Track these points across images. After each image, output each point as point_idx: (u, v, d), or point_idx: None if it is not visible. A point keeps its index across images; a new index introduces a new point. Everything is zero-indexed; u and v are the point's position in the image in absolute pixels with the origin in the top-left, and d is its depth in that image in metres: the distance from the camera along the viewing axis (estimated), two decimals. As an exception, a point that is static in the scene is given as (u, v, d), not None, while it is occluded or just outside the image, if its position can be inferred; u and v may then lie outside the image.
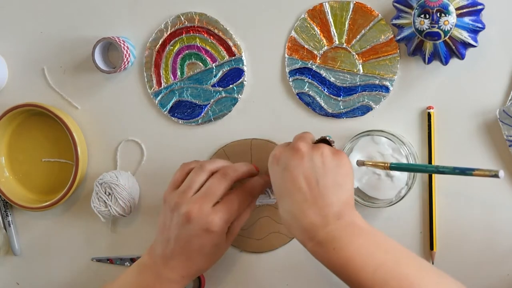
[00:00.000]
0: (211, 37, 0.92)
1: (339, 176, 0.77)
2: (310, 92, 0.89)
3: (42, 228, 1.00)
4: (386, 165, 0.82)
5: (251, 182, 0.87)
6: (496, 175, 0.73)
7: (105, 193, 0.91)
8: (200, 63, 0.93)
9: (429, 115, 0.86)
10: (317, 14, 0.89)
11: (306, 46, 0.89)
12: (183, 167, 0.87)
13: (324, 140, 0.82)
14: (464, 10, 0.80)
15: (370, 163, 0.84)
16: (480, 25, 0.81)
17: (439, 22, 0.80)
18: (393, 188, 0.85)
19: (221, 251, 0.85)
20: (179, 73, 0.93)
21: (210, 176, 0.85)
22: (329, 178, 0.76)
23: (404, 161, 0.84)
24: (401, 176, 0.85)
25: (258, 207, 0.91)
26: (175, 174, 0.87)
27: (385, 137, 0.85)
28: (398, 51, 0.87)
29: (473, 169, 0.75)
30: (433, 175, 0.86)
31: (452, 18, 0.80)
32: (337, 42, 0.89)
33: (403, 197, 0.85)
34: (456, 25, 0.80)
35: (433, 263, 0.87)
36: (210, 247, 0.83)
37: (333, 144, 0.81)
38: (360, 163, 0.85)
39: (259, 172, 0.89)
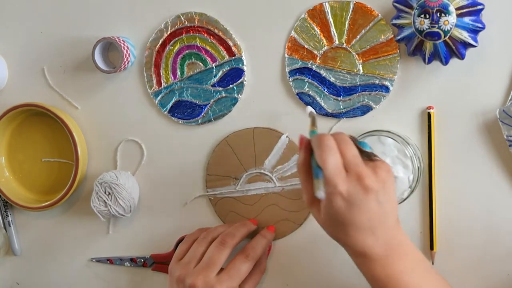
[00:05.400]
0: (211, 37, 0.92)
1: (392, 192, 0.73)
2: (310, 92, 0.89)
3: (42, 228, 1.00)
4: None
5: (252, 244, 0.88)
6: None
7: (105, 193, 0.91)
8: (200, 63, 0.93)
9: (429, 115, 0.86)
10: (317, 14, 0.89)
11: (306, 46, 0.89)
12: (187, 239, 0.89)
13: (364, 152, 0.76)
14: (464, 10, 0.80)
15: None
16: (480, 25, 0.81)
17: (439, 22, 0.80)
18: (396, 189, 0.85)
19: None
20: (179, 73, 0.93)
21: (209, 244, 0.86)
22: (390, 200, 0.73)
23: (409, 163, 0.84)
24: (405, 178, 0.85)
25: (265, 195, 0.92)
26: (180, 246, 0.89)
27: (391, 138, 0.84)
28: (398, 51, 0.87)
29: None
30: (433, 175, 0.86)
31: (452, 18, 0.80)
32: (337, 42, 0.89)
33: (405, 199, 0.84)
34: (456, 25, 0.80)
35: (433, 263, 0.87)
36: None
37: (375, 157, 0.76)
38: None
39: (257, 226, 0.91)
